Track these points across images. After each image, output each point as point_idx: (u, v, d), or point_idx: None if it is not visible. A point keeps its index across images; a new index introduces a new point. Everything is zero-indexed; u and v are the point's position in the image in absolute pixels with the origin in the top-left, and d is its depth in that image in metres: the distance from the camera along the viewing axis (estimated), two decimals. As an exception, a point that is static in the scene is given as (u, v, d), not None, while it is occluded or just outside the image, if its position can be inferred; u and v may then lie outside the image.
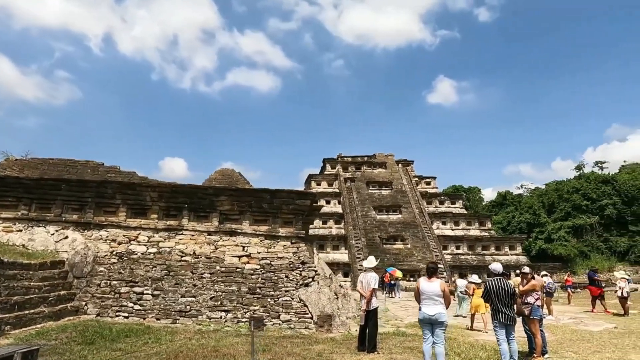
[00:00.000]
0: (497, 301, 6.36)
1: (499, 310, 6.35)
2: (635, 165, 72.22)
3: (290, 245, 12.22)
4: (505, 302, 6.31)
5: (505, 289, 6.36)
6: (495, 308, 6.39)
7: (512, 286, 6.42)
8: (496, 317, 6.36)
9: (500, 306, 6.34)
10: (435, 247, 43.05)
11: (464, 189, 73.96)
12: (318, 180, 54.94)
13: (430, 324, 5.86)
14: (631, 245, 51.64)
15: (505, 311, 6.29)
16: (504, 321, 6.30)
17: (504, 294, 6.33)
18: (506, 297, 6.31)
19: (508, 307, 6.34)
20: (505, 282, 6.45)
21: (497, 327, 6.34)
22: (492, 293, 6.43)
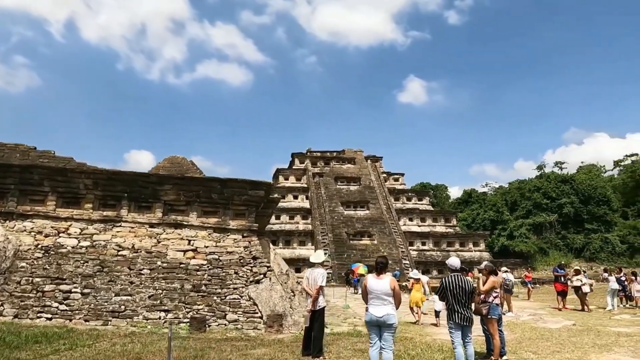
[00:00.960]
0: (454, 300, 5.74)
1: (455, 310, 5.73)
2: (592, 166, 75.57)
3: (242, 239, 11.31)
4: (462, 301, 5.69)
5: (463, 287, 5.74)
6: (451, 307, 5.77)
7: (471, 283, 5.80)
8: (452, 317, 5.74)
9: (456, 305, 5.71)
10: (401, 243, 43.10)
11: (432, 186, 75.01)
12: (286, 174, 53.94)
13: (378, 327, 5.16)
14: (587, 242, 53.72)
15: (461, 311, 5.68)
16: (460, 322, 5.67)
17: (461, 292, 5.71)
18: (464, 296, 5.70)
19: (465, 306, 5.72)
20: (464, 278, 5.83)
21: (452, 329, 5.71)
22: (448, 291, 5.81)
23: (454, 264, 5.90)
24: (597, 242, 53.03)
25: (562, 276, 14.76)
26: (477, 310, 6.31)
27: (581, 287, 13.67)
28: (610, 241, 52.44)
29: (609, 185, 63.38)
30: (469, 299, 5.73)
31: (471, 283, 5.81)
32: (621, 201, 60.94)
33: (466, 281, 5.79)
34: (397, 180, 54.92)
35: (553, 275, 15.71)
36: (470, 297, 5.73)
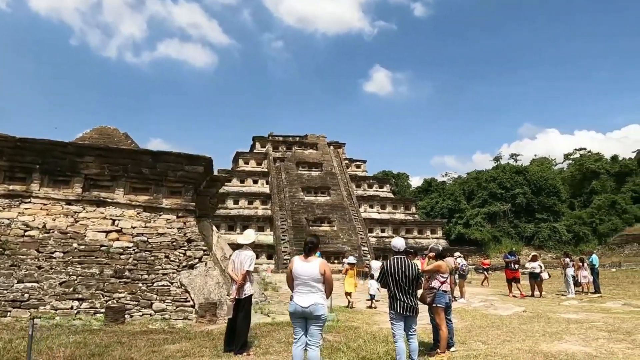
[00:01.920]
0: (396, 286, 4.93)
1: (396, 298, 4.93)
2: (544, 159, 78.99)
3: (176, 219, 10.12)
4: (405, 288, 4.89)
5: (406, 272, 4.91)
6: (393, 295, 4.99)
7: (416, 268, 5.04)
8: (393, 306, 4.98)
9: (398, 293, 4.90)
10: (361, 229, 42.97)
11: (393, 174, 75.69)
12: (246, 158, 52.25)
13: (303, 319, 4.28)
14: (536, 231, 56.14)
15: (404, 299, 4.88)
16: (402, 312, 4.87)
17: (403, 278, 4.90)
18: (407, 282, 4.90)
19: (409, 294, 4.92)
20: (408, 262, 5.01)
21: (394, 319, 4.96)
22: (389, 276, 5.02)
23: (397, 245, 5.10)
24: (546, 230, 55.59)
25: (512, 262, 14.41)
26: (421, 298, 5.61)
27: (540, 274, 13.50)
28: (557, 230, 55.11)
29: (559, 177, 66.55)
30: (414, 286, 4.96)
31: (417, 268, 5.04)
32: (569, 192, 64.18)
33: (411, 265, 5.00)
34: (359, 167, 54.67)
35: (504, 262, 15.15)
36: (414, 284, 4.95)
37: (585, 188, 61.97)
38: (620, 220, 53.64)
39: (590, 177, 62.48)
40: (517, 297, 13.52)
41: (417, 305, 4.99)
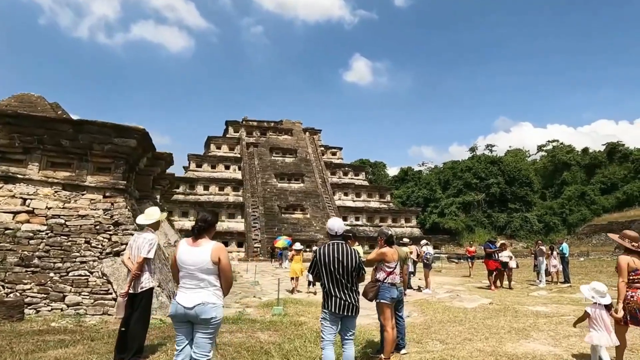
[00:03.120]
0: (329, 279, 3.83)
1: (330, 294, 3.81)
2: (518, 150, 79.92)
3: (102, 199, 8.79)
4: (342, 282, 3.81)
5: (344, 261, 3.81)
6: (326, 289, 3.86)
7: (356, 255, 4.00)
8: (326, 304, 3.89)
9: (333, 287, 3.80)
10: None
11: (370, 163, 75.12)
12: (218, 143, 50.36)
13: (188, 323, 3.17)
14: (509, 221, 56.74)
15: (341, 295, 3.78)
16: (337, 310, 3.77)
17: (340, 269, 3.80)
18: (345, 273, 3.82)
19: (347, 288, 3.84)
20: (347, 248, 3.91)
21: (325, 320, 3.87)
22: (321, 265, 3.88)
23: (333, 227, 3.97)
24: (518, 220, 56.25)
25: (495, 252, 12.86)
26: (363, 293, 4.59)
27: (508, 263, 12.75)
28: (529, 220, 55.83)
29: (532, 169, 67.42)
30: (353, 278, 3.91)
31: (358, 256, 4.00)
32: (541, 183, 65.12)
33: (350, 253, 3.89)
34: (335, 155, 53.68)
35: (484, 251, 13.37)
36: (354, 276, 3.90)
37: (557, 179, 62.98)
38: (589, 210, 54.75)
39: (562, 168, 63.49)
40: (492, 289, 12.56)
41: (357, 303, 3.92)
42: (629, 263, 4.44)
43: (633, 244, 4.47)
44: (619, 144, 64.38)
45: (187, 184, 43.68)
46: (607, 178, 58.49)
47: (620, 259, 4.54)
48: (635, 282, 4.43)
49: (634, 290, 4.40)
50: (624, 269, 4.43)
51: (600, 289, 4.49)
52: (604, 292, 4.46)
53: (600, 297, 4.43)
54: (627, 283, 4.44)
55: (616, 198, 55.14)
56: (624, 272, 4.43)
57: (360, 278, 4.01)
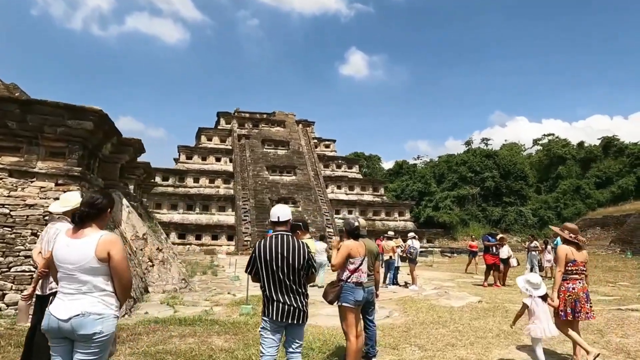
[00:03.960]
0: (270, 279, 3.13)
1: (272, 298, 3.14)
2: (514, 144, 79.46)
3: (54, 187, 7.98)
4: (286, 283, 3.11)
5: (289, 257, 3.10)
6: (266, 292, 3.17)
7: (305, 250, 3.23)
8: (266, 310, 3.17)
9: (275, 289, 3.11)
10: (327, 210, 41.43)
11: (365, 156, 74.43)
12: (209, 135, 49.38)
13: (66, 340, 2.42)
14: (503, 214, 56.38)
15: (284, 299, 3.11)
16: (279, 318, 3.10)
17: (285, 266, 3.11)
18: (290, 272, 3.12)
19: (292, 290, 3.14)
20: (294, 241, 3.20)
21: (265, 330, 3.16)
22: (260, 262, 3.17)
23: (278, 214, 3.24)
24: (513, 214, 55.87)
25: (494, 246, 11.99)
26: (323, 294, 3.87)
27: (509, 259, 11.95)
28: (523, 214, 55.48)
29: (527, 162, 66.99)
30: (301, 278, 3.18)
31: (307, 251, 3.25)
32: (536, 177, 64.76)
33: (298, 247, 3.18)
34: (328, 147, 52.85)
35: (483, 245, 12.42)
36: (302, 275, 3.19)
37: (552, 173, 62.63)
38: (584, 204, 54.47)
39: (557, 162, 63.12)
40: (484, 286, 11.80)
41: (305, 308, 3.19)
42: (567, 254, 4.55)
43: (571, 235, 4.60)
44: (614, 138, 64.00)
45: (177, 176, 42.80)
46: (602, 172, 58.17)
47: (559, 249, 4.67)
48: (574, 273, 4.54)
49: (574, 282, 4.52)
50: (562, 259, 4.53)
51: (534, 280, 4.48)
52: (537, 283, 4.45)
53: (535, 289, 4.42)
54: (566, 274, 4.53)
55: (611, 192, 54.86)
56: (561, 263, 4.53)
57: (310, 278, 3.27)
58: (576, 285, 4.49)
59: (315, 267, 3.25)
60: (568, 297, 4.48)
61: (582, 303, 4.46)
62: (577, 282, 4.50)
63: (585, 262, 4.62)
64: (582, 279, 4.57)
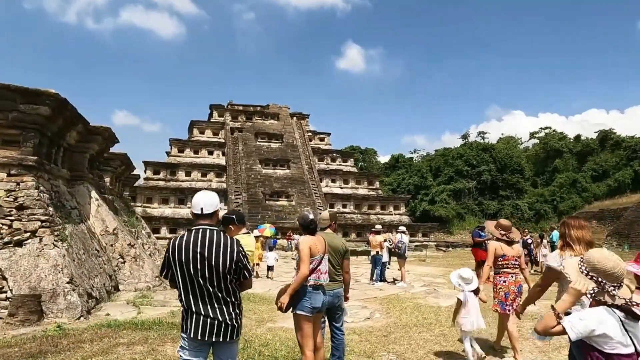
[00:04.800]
0: (187, 285, 2.48)
1: (191, 310, 2.47)
2: (510, 137, 78.95)
3: (5, 178, 7.34)
4: (207, 288, 2.46)
5: (210, 258, 2.45)
6: (184, 302, 2.51)
7: (235, 249, 2.53)
8: (184, 325, 2.49)
9: (192, 297, 2.47)
10: (321, 204, 40.80)
11: (361, 150, 73.80)
12: (201, 128, 48.48)
13: None
14: (499, 208, 56.03)
15: (205, 310, 2.46)
16: (200, 335, 2.44)
17: (204, 268, 2.45)
18: (212, 275, 2.46)
19: (215, 299, 2.48)
20: (218, 237, 2.53)
21: (183, 351, 2.48)
22: (174, 264, 2.50)
23: (199, 203, 2.55)
24: (509, 208, 55.50)
25: (485, 242, 10.49)
26: (277, 299, 3.25)
27: None
28: (520, 207, 55.11)
29: (524, 156, 66.53)
30: (228, 284, 2.51)
31: (235, 249, 2.54)
32: (532, 171, 64.34)
33: (223, 245, 2.50)
34: (323, 140, 52.08)
35: (472, 240, 11.38)
36: (230, 280, 2.51)
37: (549, 166, 62.22)
38: (580, 198, 54.12)
39: (554, 155, 62.68)
40: None
41: (235, 322, 2.53)
42: (497, 249, 4.72)
43: (501, 233, 4.78)
44: (611, 131, 63.56)
45: (168, 169, 42.07)
46: (599, 165, 57.78)
47: (489, 245, 4.90)
48: (504, 267, 4.69)
49: (505, 276, 4.68)
50: (490, 254, 4.74)
51: (466, 275, 4.55)
52: (469, 278, 4.51)
53: (466, 283, 4.49)
54: (497, 268, 4.73)
55: (607, 185, 54.51)
56: (489, 257, 4.74)
57: (244, 284, 2.64)
58: (508, 279, 4.65)
59: (250, 270, 2.61)
60: (499, 289, 4.69)
61: (512, 296, 4.61)
62: (509, 276, 4.66)
63: (518, 256, 4.73)
64: (516, 273, 4.70)
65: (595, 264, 1.96)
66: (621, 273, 1.95)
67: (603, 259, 1.97)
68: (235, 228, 3.12)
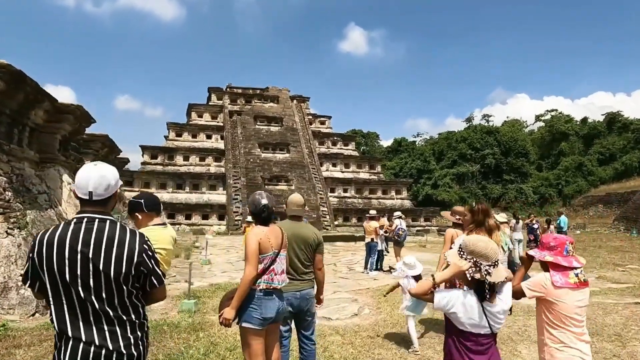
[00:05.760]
0: (63, 298, 1.69)
1: (66, 336, 1.69)
2: (515, 120, 77.44)
3: (-44, 159, 6.61)
4: (90, 303, 1.69)
5: (96, 259, 1.68)
6: (57, 324, 1.70)
7: (132, 247, 1.75)
8: (57, 354, 1.74)
9: (69, 317, 1.69)
10: (321, 189, 40.13)
11: (363, 133, 72.69)
12: (200, 111, 47.54)
13: None
14: (503, 192, 55.19)
15: (87, 335, 1.68)
16: None
17: (88, 273, 1.69)
18: (99, 285, 1.69)
19: (103, 319, 1.71)
20: (112, 230, 1.75)
21: None
22: (43, 268, 1.70)
23: (85, 183, 1.75)
24: (513, 192, 54.64)
25: None
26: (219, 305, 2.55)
27: None
28: (524, 191, 54.21)
29: (529, 139, 65.23)
30: (124, 295, 1.75)
31: (136, 248, 1.78)
32: (538, 154, 63.17)
33: (115, 241, 1.73)
34: (324, 124, 51.08)
35: None
36: (125, 290, 1.75)
37: (554, 149, 61.02)
38: (586, 182, 53.09)
39: (560, 138, 61.39)
40: None
41: (134, 349, 1.76)
42: (452, 235, 4.79)
43: (457, 218, 4.79)
44: (618, 114, 62.00)
45: (166, 154, 41.42)
46: (606, 149, 56.52)
47: (446, 232, 4.99)
48: None
49: None
50: (447, 240, 4.84)
51: (409, 261, 4.72)
52: (412, 264, 4.67)
53: (410, 269, 4.62)
54: None
55: (614, 169, 53.39)
56: (446, 244, 4.83)
57: (152, 295, 1.92)
58: None
59: (160, 276, 1.89)
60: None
61: None
62: None
63: None
64: None
65: (471, 247, 2.11)
66: (493, 253, 2.09)
67: (477, 241, 2.15)
68: (144, 217, 2.36)
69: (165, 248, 2.23)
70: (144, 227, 2.28)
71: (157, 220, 2.37)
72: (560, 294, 2.29)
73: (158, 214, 2.39)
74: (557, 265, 2.36)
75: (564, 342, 2.26)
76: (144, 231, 2.14)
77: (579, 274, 2.38)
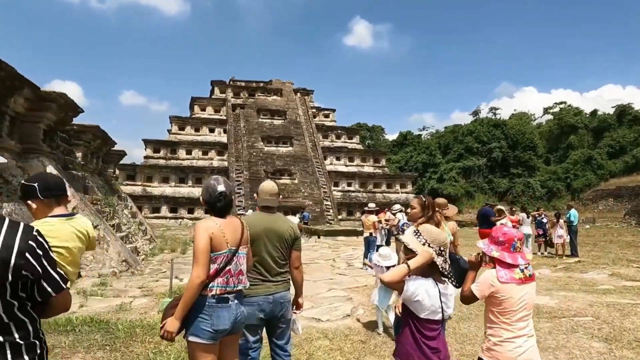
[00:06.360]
0: None
1: None
2: (523, 114, 76.18)
3: None
4: None
5: None
6: None
7: (12, 243, 1.31)
8: None
9: None
10: (324, 183, 39.63)
11: (368, 127, 71.96)
12: (202, 104, 47.13)
13: None
14: (510, 186, 54.32)
15: None
16: None
17: None
18: None
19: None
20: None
21: None
22: None
23: None
24: (520, 186, 53.75)
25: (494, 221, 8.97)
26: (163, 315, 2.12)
27: None
28: (531, 185, 53.31)
29: (537, 132, 64.11)
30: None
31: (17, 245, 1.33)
32: (546, 147, 62.09)
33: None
34: (328, 117, 50.43)
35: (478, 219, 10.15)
36: None
37: (563, 143, 59.90)
38: (595, 175, 52.07)
39: (569, 131, 60.23)
40: None
41: None
42: None
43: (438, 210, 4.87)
44: (629, 106, 60.63)
45: (168, 147, 41.15)
46: (616, 142, 55.35)
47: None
48: None
49: None
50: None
51: (383, 252, 4.74)
52: (387, 255, 4.68)
53: (384, 260, 4.60)
54: None
55: (624, 162, 52.28)
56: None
57: (50, 305, 1.48)
58: None
59: (58, 281, 1.41)
60: None
61: None
62: None
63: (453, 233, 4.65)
64: None
65: (435, 236, 2.25)
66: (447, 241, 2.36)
67: (438, 232, 2.33)
68: (39, 205, 1.87)
69: (65, 246, 1.78)
70: (40, 219, 1.82)
71: (60, 210, 1.91)
72: (506, 290, 2.30)
73: (59, 201, 1.92)
74: (503, 261, 2.36)
75: (504, 337, 2.27)
76: (38, 224, 1.70)
77: (525, 269, 2.38)
